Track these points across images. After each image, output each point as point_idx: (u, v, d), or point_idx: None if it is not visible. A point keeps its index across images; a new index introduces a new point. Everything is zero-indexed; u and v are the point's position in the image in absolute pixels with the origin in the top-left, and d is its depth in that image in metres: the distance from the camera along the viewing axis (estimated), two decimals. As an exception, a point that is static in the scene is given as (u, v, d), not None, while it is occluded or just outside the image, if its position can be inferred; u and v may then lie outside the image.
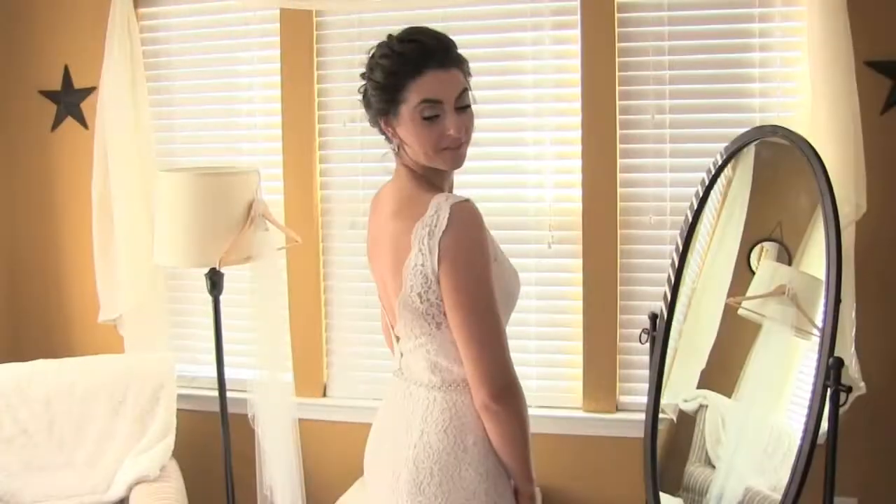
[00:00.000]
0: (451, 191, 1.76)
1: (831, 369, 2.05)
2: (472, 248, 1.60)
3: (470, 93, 1.69)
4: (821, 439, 2.08)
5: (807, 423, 2.10)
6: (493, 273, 1.62)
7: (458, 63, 1.67)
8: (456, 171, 1.76)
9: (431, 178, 1.72)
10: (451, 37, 1.69)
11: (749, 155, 2.54)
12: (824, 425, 2.08)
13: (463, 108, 1.66)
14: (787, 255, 2.42)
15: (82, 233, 3.18)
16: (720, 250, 2.65)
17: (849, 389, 2.05)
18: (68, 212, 3.27)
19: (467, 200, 1.62)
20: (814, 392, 2.10)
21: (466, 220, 1.60)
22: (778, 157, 2.45)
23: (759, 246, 2.50)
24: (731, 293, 2.55)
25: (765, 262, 2.50)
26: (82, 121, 3.18)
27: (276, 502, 2.74)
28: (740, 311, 2.52)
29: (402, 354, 1.80)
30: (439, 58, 1.63)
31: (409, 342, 1.73)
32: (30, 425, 2.77)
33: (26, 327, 3.38)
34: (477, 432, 1.68)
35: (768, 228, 2.49)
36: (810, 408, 2.10)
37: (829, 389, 2.06)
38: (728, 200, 2.64)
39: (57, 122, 3.21)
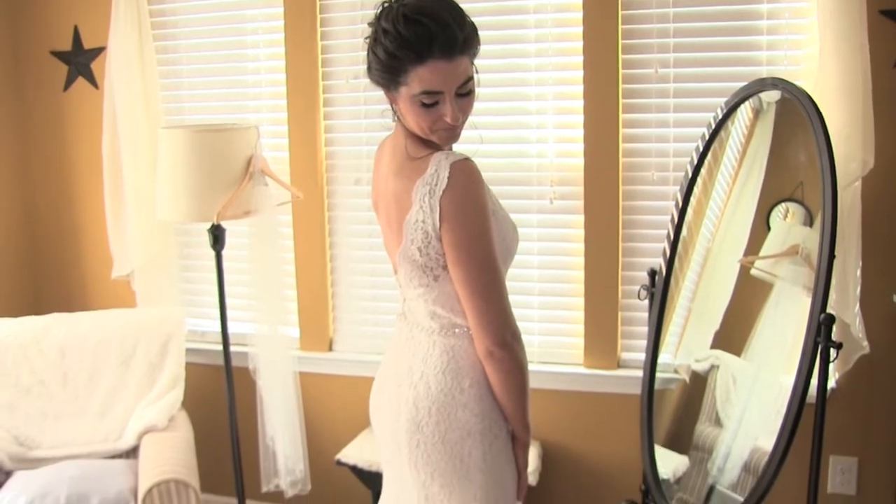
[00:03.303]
0: (450, 148, 1.76)
1: (822, 325, 2.04)
2: (472, 205, 1.62)
3: (475, 77, 1.65)
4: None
5: (797, 379, 2.09)
6: (493, 227, 1.65)
7: (466, 49, 1.60)
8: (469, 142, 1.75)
9: (429, 140, 1.72)
10: None
11: (770, 112, 2.50)
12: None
13: (464, 94, 1.63)
14: (809, 217, 2.37)
15: (96, 191, 3.25)
16: (737, 210, 2.61)
17: (839, 346, 2.04)
18: (82, 171, 3.33)
19: (467, 159, 1.63)
20: (805, 348, 2.08)
21: (466, 178, 1.61)
22: (801, 114, 2.39)
23: (779, 206, 2.46)
24: (747, 253, 2.53)
25: (779, 221, 2.46)
26: (93, 80, 3.23)
27: (278, 452, 2.81)
28: (753, 272, 2.51)
29: (404, 300, 1.86)
30: (445, 46, 1.55)
31: (410, 291, 1.78)
32: (45, 376, 2.86)
33: (45, 283, 3.48)
34: (473, 375, 1.73)
35: (790, 188, 2.44)
36: (801, 364, 2.09)
37: (819, 345, 2.05)
38: (746, 159, 2.60)
39: (69, 82, 3.26)
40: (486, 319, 1.65)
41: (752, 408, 2.48)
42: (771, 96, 2.46)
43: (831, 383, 2.64)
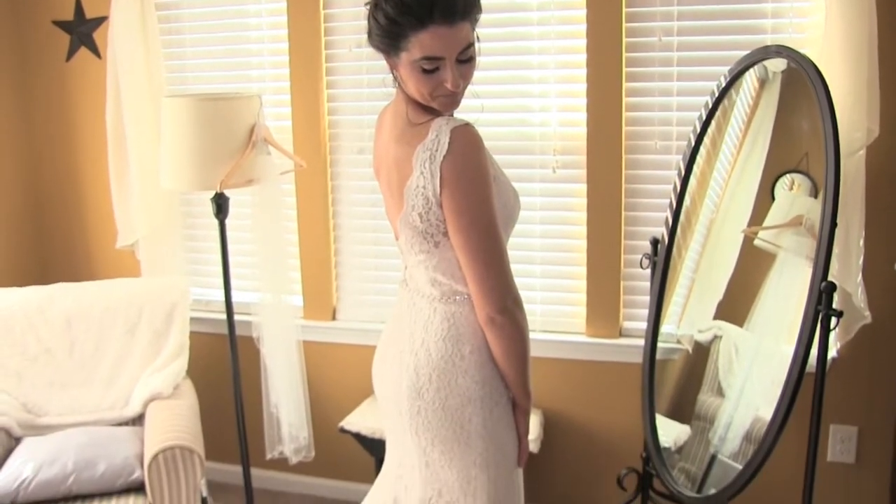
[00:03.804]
0: (451, 114, 1.76)
1: (823, 293, 2.04)
2: (473, 171, 1.61)
3: (476, 44, 1.65)
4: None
5: (797, 347, 2.10)
6: (493, 193, 1.65)
7: (466, 14, 1.59)
8: (469, 111, 1.75)
9: (429, 107, 1.71)
10: None
11: (775, 82, 2.48)
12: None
13: (465, 60, 1.63)
14: (814, 188, 2.36)
15: (100, 161, 3.26)
16: (741, 181, 2.61)
17: (840, 314, 2.04)
18: (86, 141, 3.34)
19: (467, 124, 1.63)
20: (805, 316, 2.09)
21: (467, 143, 1.61)
22: (807, 84, 2.38)
23: (784, 177, 2.45)
24: (751, 224, 2.53)
25: (783, 192, 2.46)
26: (95, 50, 3.22)
27: (282, 419, 2.84)
28: (756, 242, 2.50)
29: (406, 266, 1.87)
30: (445, 11, 1.55)
31: (411, 258, 1.78)
32: (52, 344, 2.89)
33: (50, 254, 3.50)
34: (474, 342, 1.74)
35: (795, 159, 2.42)
36: (801, 332, 2.10)
37: (820, 313, 2.05)
38: (751, 129, 2.59)
39: (71, 52, 3.25)
40: (486, 286, 1.65)
41: (753, 378, 2.49)
42: (777, 66, 2.44)
43: (833, 353, 2.65)
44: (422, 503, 1.83)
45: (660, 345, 2.71)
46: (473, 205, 1.62)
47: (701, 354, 2.67)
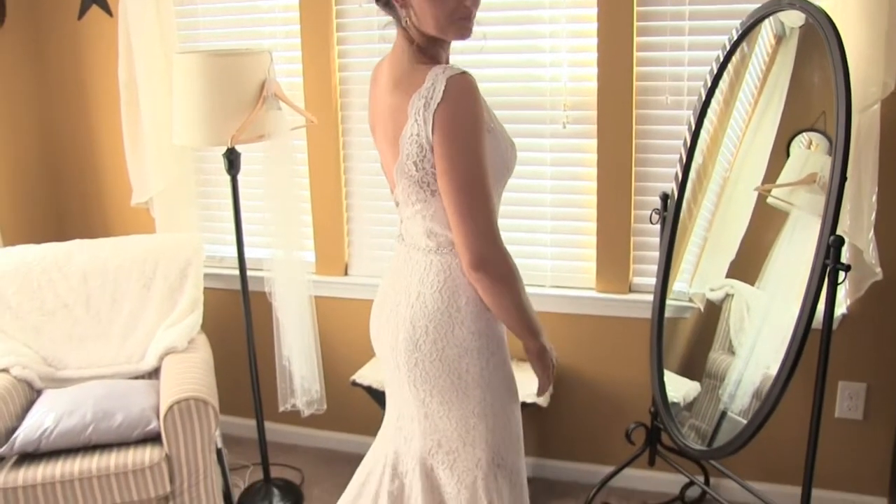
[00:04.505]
0: (448, 61, 1.76)
1: (831, 247, 2.04)
2: (466, 119, 1.61)
3: None
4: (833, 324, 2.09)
5: (804, 300, 2.11)
6: (487, 144, 1.64)
7: None
8: (471, 52, 1.72)
9: (431, 51, 1.72)
10: None
11: (792, 39, 2.45)
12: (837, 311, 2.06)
13: None
14: (831, 147, 2.33)
15: (113, 119, 3.28)
16: (756, 139, 2.59)
17: (848, 268, 2.04)
18: (99, 99, 3.35)
19: (464, 73, 1.62)
20: (813, 269, 2.09)
21: (462, 92, 1.61)
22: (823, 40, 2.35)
23: (801, 136, 2.43)
24: (765, 183, 2.51)
25: (798, 150, 2.44)
26: (107, 8, 3.22)
27: (294, 373, 2.88)
28: (769, 200, 2.49)
29: (401, 220, 1.87)
30: None
31: (407, 209, 1.79)
32: (69, 299, 2.93)
33: (65, 213, 3.54)
34: (469, 293, 1.75)
35: (812, 118, 2.40)
36: (809, 285, 2.10)
37: (828, 267, 2.05)
38: (767, 87, 2.56)
39: (83, 10, 3.25)
40: (462, 237, 1.64)
41: (764, 336, 2.50)
42: (793, 21, 2.41)
43: (843, 309, 2.65)
44: (422, 454, 1.86)
45: (672, 303, 2.72)
46: (462, 153, 1.61)
47: (712, 313, 2.67)
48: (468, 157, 1.62)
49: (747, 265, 2.59)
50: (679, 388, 2.70)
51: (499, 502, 1.82)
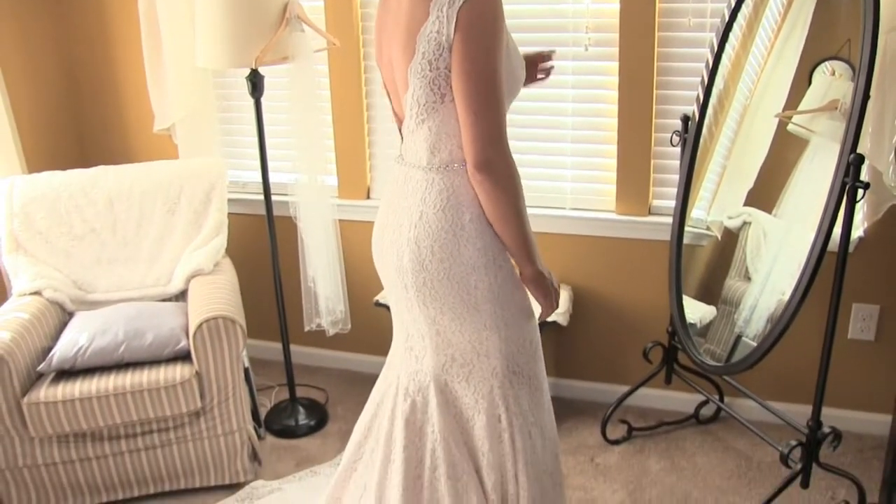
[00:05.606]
0: None
1: (851, 165, 2.05)
2: (489, 20, 1.61)
3: None
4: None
5: (822, 219, 2.13)
6: (503, 51, 1.65)
7: None
8: None
9: None
10: None
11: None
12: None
13: None
14: (854, 75, 2.30)
15: (134, 45, 3.28)
16: (778, 66, 2.56)
17: (866, 186, 2.06)
18: (120, 25, 3.35)
19: None
20: (832, 187, 2.11)
21: None
22: None
23: (824, 64, 2.41)
24: (786, 110, 2.50)
25: (820, 77, 2.42)
26: (127, -69, 3.20)
27: (319, 293, 2.93)
28: (790, 127, 2.48)
29: (402, 139, 1.87)
30: None
31: (413, 120, 1.77)
32: (96, 224, 2.99)
33: (89, 141, 3.56)
34: (473, 210, 1.75)
35: (836, 46, 2.38)
36: (827, 203, 2.12)
37: (847, 185, 2.07)
38: (791, 13, 2.53)
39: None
40: (471, 136, 1.64)
41: (780, 262, 2.52)
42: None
43: (860, 233, 2.67)
44: (435, 370, 1.89)
45: (690, 230, 2.74)
46: (481, 52, 1.61)
47: (730, 240, 2.70)
48: (486, 58, 1.62)
49: (765, 193, 2.60)
50: (696, 310, 2.74)
51: (516, 407, 1.87)
